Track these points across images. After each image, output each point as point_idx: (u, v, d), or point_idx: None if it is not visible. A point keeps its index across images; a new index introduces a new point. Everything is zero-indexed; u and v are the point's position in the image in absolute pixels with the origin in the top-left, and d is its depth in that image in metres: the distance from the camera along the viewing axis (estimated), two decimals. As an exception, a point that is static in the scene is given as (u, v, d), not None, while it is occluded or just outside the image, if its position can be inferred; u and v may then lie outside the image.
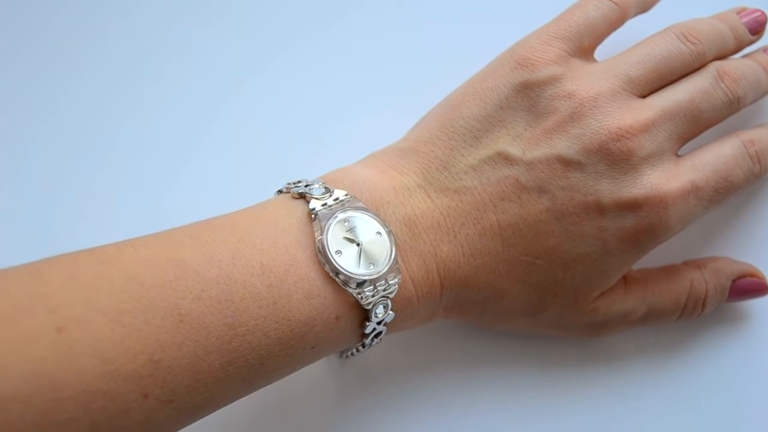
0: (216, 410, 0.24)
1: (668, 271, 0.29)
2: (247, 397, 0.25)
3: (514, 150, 0.26)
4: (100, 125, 0.34)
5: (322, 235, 0.24)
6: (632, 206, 0.25)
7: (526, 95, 0.26)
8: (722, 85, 0.27)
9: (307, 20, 0.35)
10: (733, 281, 0.29)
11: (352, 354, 0.27)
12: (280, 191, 0.27)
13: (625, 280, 0.28)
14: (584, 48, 0.28)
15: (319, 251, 0.24)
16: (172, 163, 0.33)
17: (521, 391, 0.30)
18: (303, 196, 0.25)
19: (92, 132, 0.34)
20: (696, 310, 0.29)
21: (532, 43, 0.28)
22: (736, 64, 0.29)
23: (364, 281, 0.24)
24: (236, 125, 0.34)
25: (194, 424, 0.25)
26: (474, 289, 0.26)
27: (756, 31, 0.30)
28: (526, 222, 0.26)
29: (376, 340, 0.26)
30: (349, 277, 0.24)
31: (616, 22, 0.29)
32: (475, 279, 0.26)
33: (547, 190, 0.25)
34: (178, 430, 0.23)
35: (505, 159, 0.26)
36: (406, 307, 0.25)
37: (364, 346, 0.26)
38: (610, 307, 0.27)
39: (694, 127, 0.27)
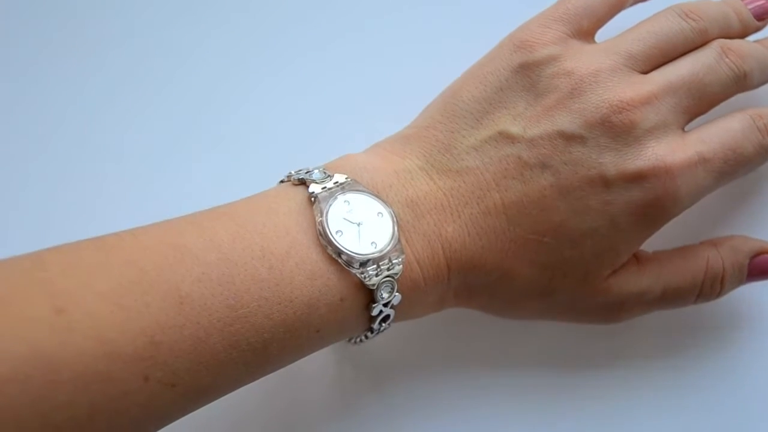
0: (219, 396, 0.23)
1: (683, 251, 0.28)
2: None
3: (515, 129, 0.26)
4: (100, 124, 0.34)
5: (322, 216, 0.24)
6: (637, 178, 0.25)
7: (525, 75, 0.26)
8: (726, 60, 0.27)
9: (308, 19, 0.35)
10: (751, 259, 0.28)
11: (360, 340, 0.27)
12: (281, 181, 0.27)
13: (639, 259, 0.27)
14: (584, 30, 0.28)
15: (320, 233, 0.24)
16: (172, 162, 0.33)
17: (527, 391, 0.31)
18: (303, 182, 0.25)
19: (92, 131, 0.33)
20: (714, 289, 0.28)
21: (530, 26, 0.28)
22: (741, 42, 0.28)
23: (367, 260, 0.23)
24: (236, 124, 0.34)
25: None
26: (482, 270, 0.26)
27: (761, 17, 0.29)
28: (530, 199, 0.25)
29: (384, 325, 0.25)
30: (351, 256, 0.23)
31: (616, 4, 0.29)
32: (481, 259, 0.26)
33: (550, 166, 0.25)
34: (181, 415, 0.23)
35: (507, 138, 0.26)
36: (413, 290, 0.25)
37: (372, 331, 0.25)
38: (623, 286, 0.26)
39: (699, 102, 0.27)
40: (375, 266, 0.24)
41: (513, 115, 0.26)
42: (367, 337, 0.26)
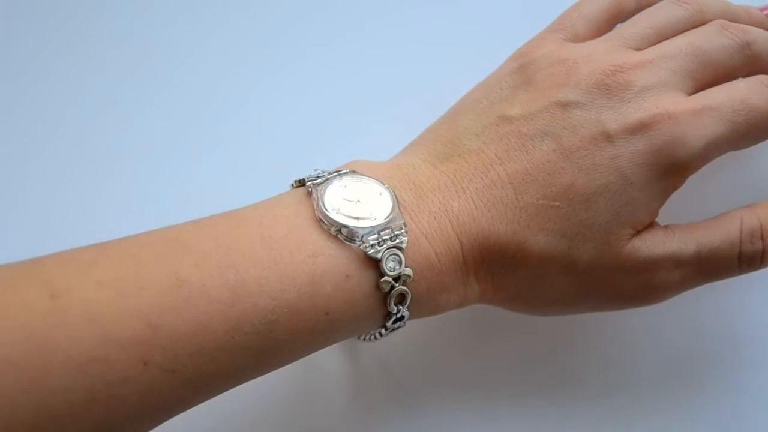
0: (223, 388, 0.23)
1: (713, 218, 0.27)
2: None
3: (514, 111, 0.26)
4: (100, 125, 0.33)
5: (318, 196, 0.24)
6: (640, 127, 0.24)
7: (522, 73, 0.27)
8: (727, 32, 0.26)
9: (308, 19, 0.35)
10: None
11: (380, 334, 0.26)
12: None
13: (666, 227, 0.26)
14: (580, 35, 0.28)
15: (317, 210, 0.23)
16: (172, 162, 0.33)
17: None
18: (302, 183, 0.25)
19: (92, 131, 0.33)
20: (755, 246, 0.26)
21: (529, 42, 0.29)
22: (742, 23, 0.28)
23: (367, 230, 0.23)
24: (236, 125, 0.34)
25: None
26: (496, 244, 0.25)
27: None
28: (535, 165, 0.25)
29: (401, 309, 0.24)
30: (351, 228, 0.23)
31: (613, 11, 0.29)
32: (493, 231, 0.25)
33: (551, 133, 0.25)
34: (181, 408, 0.22)
35: (506, 119, 0.26)
36: (427, 268, 0.24)
37: (389, 316, 0.24)
38: (651, 248, 0.25)
39: (702, 66, 0.26)
40: (376, 236, 0.23)
41: (512, 103, 0.26)
42: (386, 328, 0.25)
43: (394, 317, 0.24)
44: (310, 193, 0.24)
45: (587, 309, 0.27)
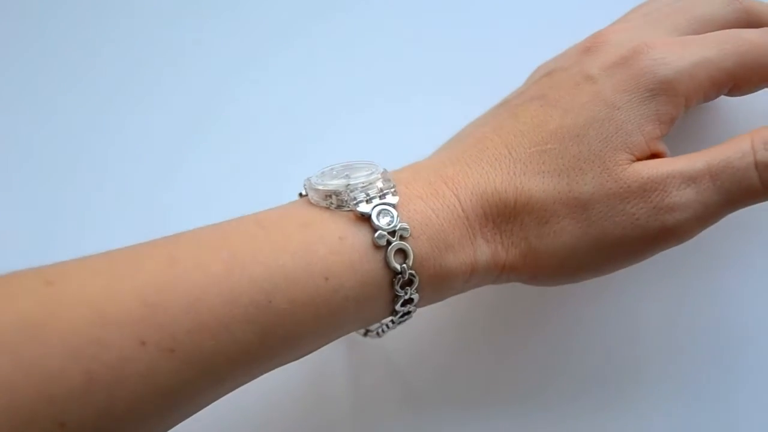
0: (237, 375, 0.22)
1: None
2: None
3: (510, 97, 0.28)
4: (99, 126, 0.34)
5: (310, 183, 0.24)
6: (621, 62, 0.25)
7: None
8: None
9: (307, 19, 0.35)
10: None
11: (391, 323, 0.25)
12: None
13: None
14: None
15: (307, 188, 0.24)
16: (172, 163, 0.33)
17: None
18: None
19: (91, 132, 0.34)
20: None
21: None
22: None
23: (353, 188, 0.23)
24: (236, 126, 0.34)
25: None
26: (494, 195, 0.24)
27: None
28: (524, 123, 0.25)
29: (405, 267, 0.23)
30: (338, 194, 0.23)
31: None
32: (490, 183, 0.24)
33: (537, 96, 0.26)
34: (194, 395, 0.21)
35: (503, 103, 0.28)
36: (426, 224, 0.23)
37: (395, 277, 0.23)
38: (656, 168, 0.24)
39: (688, 22, 0.26)
40: (364, 194, 0.23)
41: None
42: (395, 312, 0.24)
43: (400, 277, 0.23)
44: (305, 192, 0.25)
45: (609, 259, 0.25)
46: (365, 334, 0.28)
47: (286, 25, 0.35)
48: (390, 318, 0.25)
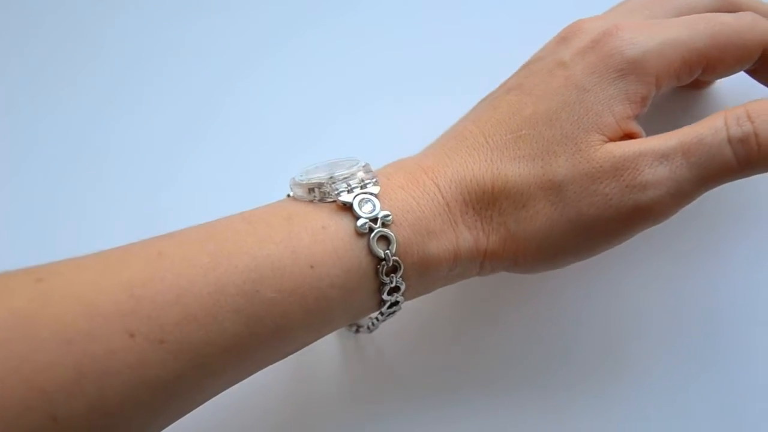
0: (230, 370, 0.22)
1: None
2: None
3: (492, 91, 0.28)
4: (98, 125, 0.34)
5: (294, 179, 0.25)
6: (591, 45, 0.25)
7: None
8: None
9: (305, 18, 0.35)
10: None
11: (381, 315, 0.25)
12: None
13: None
14: None
15: (291, 184, 0.25)
16: (171, 162, 0.33)
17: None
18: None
19: (90, 131, 0.34)
20: (743, 128, 0.24)
21: None
22: None
23: (335, 180, 0.24)
24: (235, 124, 0.34)
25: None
26: (472, 183, 0.25)
27: None
28: (501, 112, 0.26)
29: (388, 253, 0.23)
30: (320, 187, 0.24)
31: None
32: (468, 171, 0.25)
33: (515, 86, 0.27)
34: (181, 385, 0.21)
35: (483, 99, 0.28)
36: (407, 211, 0.24)
37: (380, 263, 0.23)
38: (628, 148, 0.24)
39: (664, 10, 0.27)
40: (345, 185, 0.24)
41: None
42: (383, 302, 0.24)
43: (384, 264, 0.23)
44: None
45: (587, 241, 0.25)
46: (357, 331, 0.28)
47: (283, 25, 0.35)
48: (378, 311, 0.25)
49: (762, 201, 0.31)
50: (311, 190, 0.24)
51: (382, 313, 0.25)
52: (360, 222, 0.23)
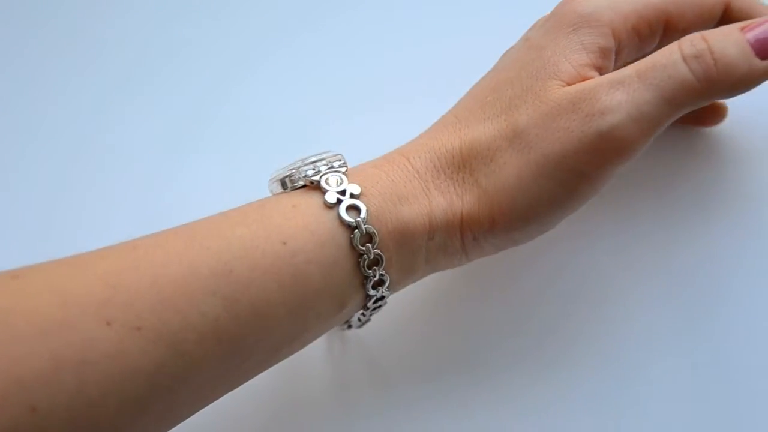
0: (203, 353, 0.21)
1: None
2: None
3: None
4: (98, 124, 0.34)
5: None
6: (550, 15, 0.27)
7: None
8: None
9: (304, 18, 0.36)
10: (742, 29, 0.24)
11: (361, 318, 0.26)
12: None
13: None
14: None
15: (268, 186, 0.26)
16: (171, 161, 0.34)
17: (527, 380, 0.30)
18: None
19: (90, 131, 0.34)
20: (697, 46, 0.23)
21: None
22: None
23: (303, 165, 0.25)
24: (234, 124, 0.34)
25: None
26: (441, 150, 0.26)
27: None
28: (471, 92, 0.28)
29: (360, 221, 0.23)
30: (291, 175, 0.25)
31: None
32: (437, 141, 0.26)
33: (491, 70, 0.28)
34: (164, 376, 0.21)
35: None
36: (376, 182, 0.24)
37: (353, 232, 0.23)
38: (584, 83, 0.24)
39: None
40: (313, 168, 0.24)
41: None
42: (367, 279, 0.24)
43: (358, 231, 0.23)
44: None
45: (559, 185, 0.24)
46: (349, 327, 0.28)
47: (283, 25, 0.35)
48: (365, 293, 0.25)
49: (762, 201, 0.31)
50: (283, 183, 0.25)
51: (368, 296, 0.25)
52: (328, 195, 0.23)
